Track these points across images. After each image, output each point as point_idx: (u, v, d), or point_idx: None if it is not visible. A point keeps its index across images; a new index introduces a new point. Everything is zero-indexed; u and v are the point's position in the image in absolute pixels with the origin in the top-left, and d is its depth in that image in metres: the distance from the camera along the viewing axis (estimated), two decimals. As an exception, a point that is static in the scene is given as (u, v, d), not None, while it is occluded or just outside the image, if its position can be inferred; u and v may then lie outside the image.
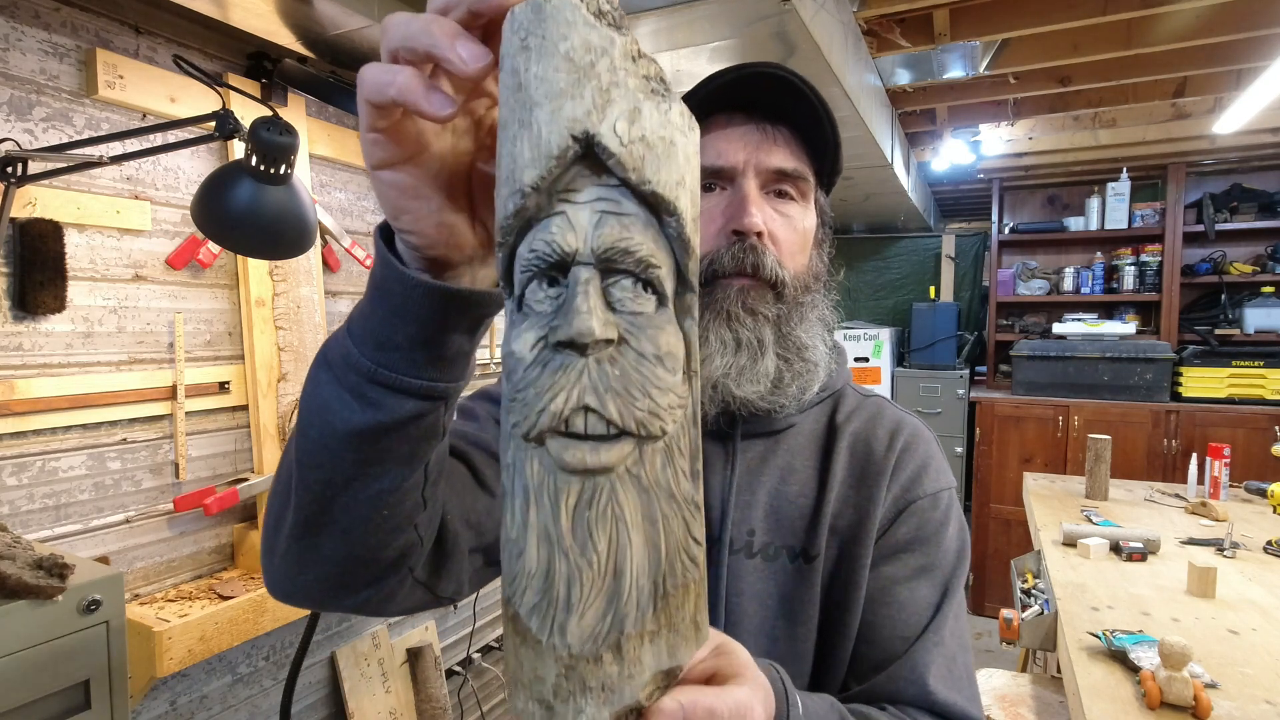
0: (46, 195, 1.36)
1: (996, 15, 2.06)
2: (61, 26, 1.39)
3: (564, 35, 0.31)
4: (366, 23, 1.41)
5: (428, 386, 0.43)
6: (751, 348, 0.63)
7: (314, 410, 0.45)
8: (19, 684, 1.00)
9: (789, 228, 0.66)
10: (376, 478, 0.45)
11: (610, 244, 0.32)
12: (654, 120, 0.32)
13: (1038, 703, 1.69)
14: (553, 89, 0.31)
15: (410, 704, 2.19)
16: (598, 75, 0.31)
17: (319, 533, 0.48)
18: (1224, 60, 2.39)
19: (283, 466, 0.50)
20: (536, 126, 0.31)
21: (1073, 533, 1.97)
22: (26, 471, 1.37)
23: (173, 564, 1.63)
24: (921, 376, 3.96)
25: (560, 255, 0.32)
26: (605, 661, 0.32)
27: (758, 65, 0.63)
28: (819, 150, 0.68)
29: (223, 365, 1.70)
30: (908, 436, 0.71)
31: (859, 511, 0.67)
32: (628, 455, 0.33)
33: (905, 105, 2.90)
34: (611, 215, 0.32)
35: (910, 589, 0.65)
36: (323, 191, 1.97)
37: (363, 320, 0.43)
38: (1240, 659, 1.32)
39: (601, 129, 0.31)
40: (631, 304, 0.33)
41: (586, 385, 0.32)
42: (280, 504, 0.49)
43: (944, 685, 0.61)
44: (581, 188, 0.32)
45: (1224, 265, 3.63)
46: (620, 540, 0.33)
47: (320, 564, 0.49)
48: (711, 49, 1.61)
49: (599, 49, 0.31)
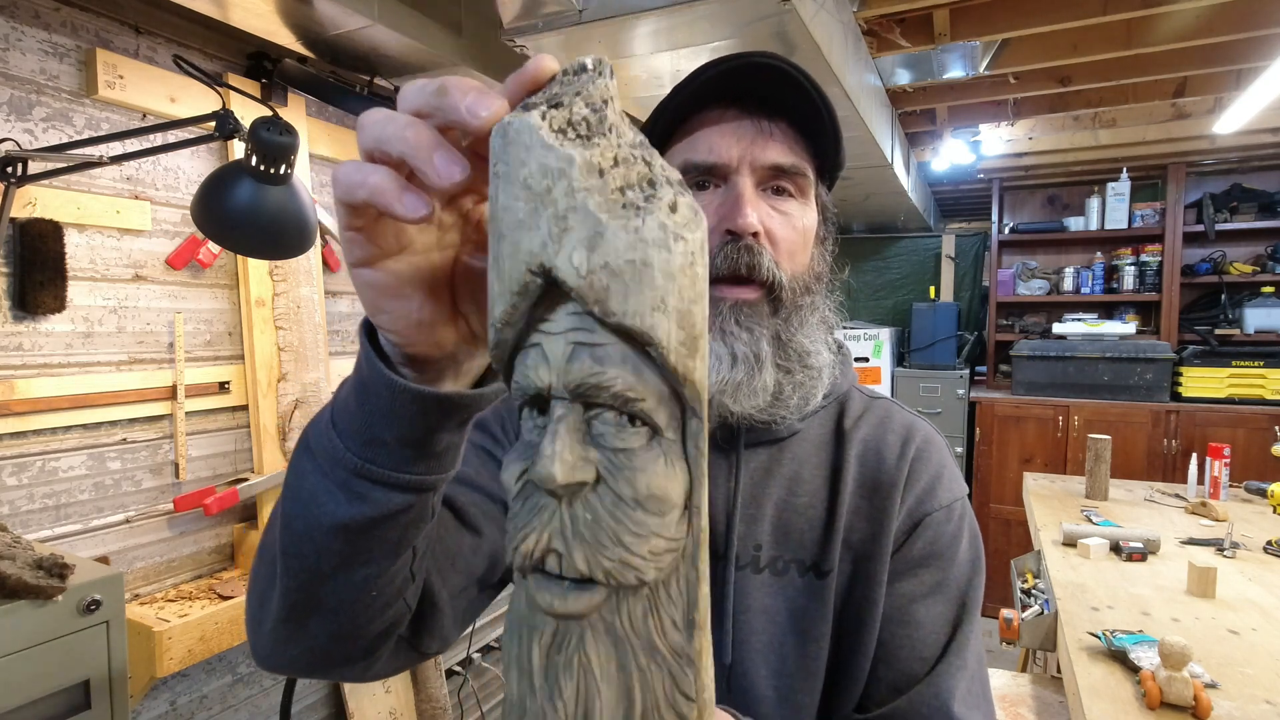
0: (46, 195, 1.36)
1: (996, 15, 2.06)
2: (61, 26, 1.39)
3: (522, 161, 0.29)
4: (366, 23, 1.41)
5: (416, 480, 0.42)
6: (748, 362, 0.60)
7: (299, 501, 0.43)
8: (19, 684, 1.00)
9: (787, 226, 0.63)
10: (364, 564, 0.44)
11: (581, 379, 0.30)
12: (620, 242, 0.28)
13: (1038, 703, 1.68)
14: (513, 220, 0.30)
15: (410, 704, 2.19)
16: (554, 201, 0.29)
17: (306, 616, 0.47)
18: (1224, 60, 2.39)
19: (265, 546, 0.49)
20: (502, 260, 0.31)
21: (1073, 533, 1.97)
22: (26, 471, 1.37)
23: (173, 564, 1.63)
24: (921, 376, 3.96)
25: (536, 390, 0.31)
26: None
27: (752, 55, 0.59)
28: (819, 144, 0.64)
29: (223, 365, 1.70)
30: (920, 444, 0.68)
31: (873, 524, 0.64)
32: (599, 604, 0.31)
33: (905, 105, 2.90)
34: (584, 347, 0.30)
35: (927, 607, 0.62)
36: (323, 191, 1.97)
37: (348, 416, 0.42)
38: (1240, 659, 1.32)
39: (558, 261, 0.29)
40: (614, 439, 0.30)
41: (555, 530, 0.31)
42: (265, 584, 0.48)
43: (967, 709, 0.59)
44: (556, 317, 0.31)
45: (1224, 265, 3.62)
46: (589, 690, 0.31)
47: (308, 640, 0.48)
48: (711, 49, 1.61)
49: (556, 171, 0.29)
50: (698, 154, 0.61)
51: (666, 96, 0.62)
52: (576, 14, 1.45)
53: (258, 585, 0.49)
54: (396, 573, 0.47)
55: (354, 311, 2.07)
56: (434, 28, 1.53)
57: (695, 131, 0.62)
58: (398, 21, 1.44)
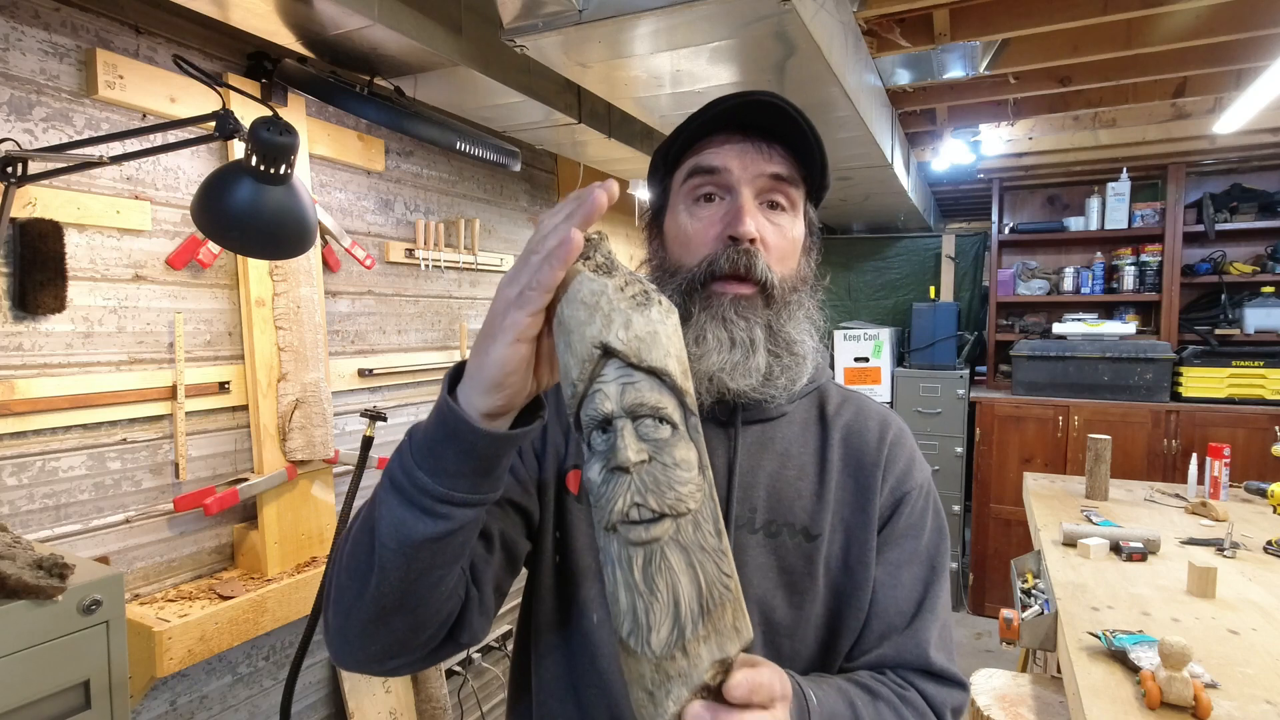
0: (46, 195, 1.36)
1: (996, 15, 2.06)
2: (61, 26, 1.39)
3: (579, 287, 0.52)
4: (366, 23, 1.41)
5: (482, 498, 0.57)
6: (744, 346, 0.71)
7: (391, 526, 0.57)
8: (19, 684, 1.00)
9: (780, 235, 0.74)
10: (440, 567, 0.59)
11: (632, 401, 0.51)
12: (641, 323, 0.52)
13: (1038, 703, 1.69)
14: (577, 321, 0.52)
15: (410, 704, 2.19)
16: (600, 308, 0.52)
17: (392, 614, 0.60)
18: (1224, 60, 2.39)
19: (347, 563, 0.61)
20: (574, 345, 0.52)
21: (1073, 533, 1.97)
22: (26, 471, 1.37)
23: (173, 564, 1.63)
24: (921, 376, 3.95)
25: (605, 415, 0.52)
26: (678, 659, 0.49)
27: (755, 93, 0.70)
28: (809, 168, 0.75)
29: (223, 365, 1.70)
30: (895, 432, 0.81)
31: (859, 498, 0.77)
32: (669, 528, 0.50)
33: (905, 105, 2.90)
34: (629, 384, 0.51)
35: (909, 570, 0.76)
36: (323, 191, 1.97)
37: (433, 457, 0.56)
38: (1240, 659, 1.32)
39: (609, 339, 0.51)
40: (654, 434, 0.51)
41: (634, 491, 0.51)
42: (351, 595, 0.60)
43: (938, 652, 0.74)
44: (609, 372, 0.52)
45: (1224, 265, 3.62)
46: (673, 582, 0.50)
47: (390, 635, 0.62)
48: (711, 49, 1.61)
49: (599, 292, 0.52)
50: (705, 160, 0.73)
51: (682, 124, 0.74)
52: (576, 14, 1.45)
53: (343, 597, 0.61)
54: (458, 570, 0.62)
55: (354, 311, 2.07)
56: (434, 28, 1.53)
57: (705, 151, 0.74)
58: (398, 21, 1.44)
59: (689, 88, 1.87)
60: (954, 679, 0.74)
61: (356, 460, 1.67)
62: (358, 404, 2.08)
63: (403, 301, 2.24)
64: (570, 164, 2.95)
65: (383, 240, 2.15)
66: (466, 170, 2.47)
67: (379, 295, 2.16)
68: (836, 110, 2.11)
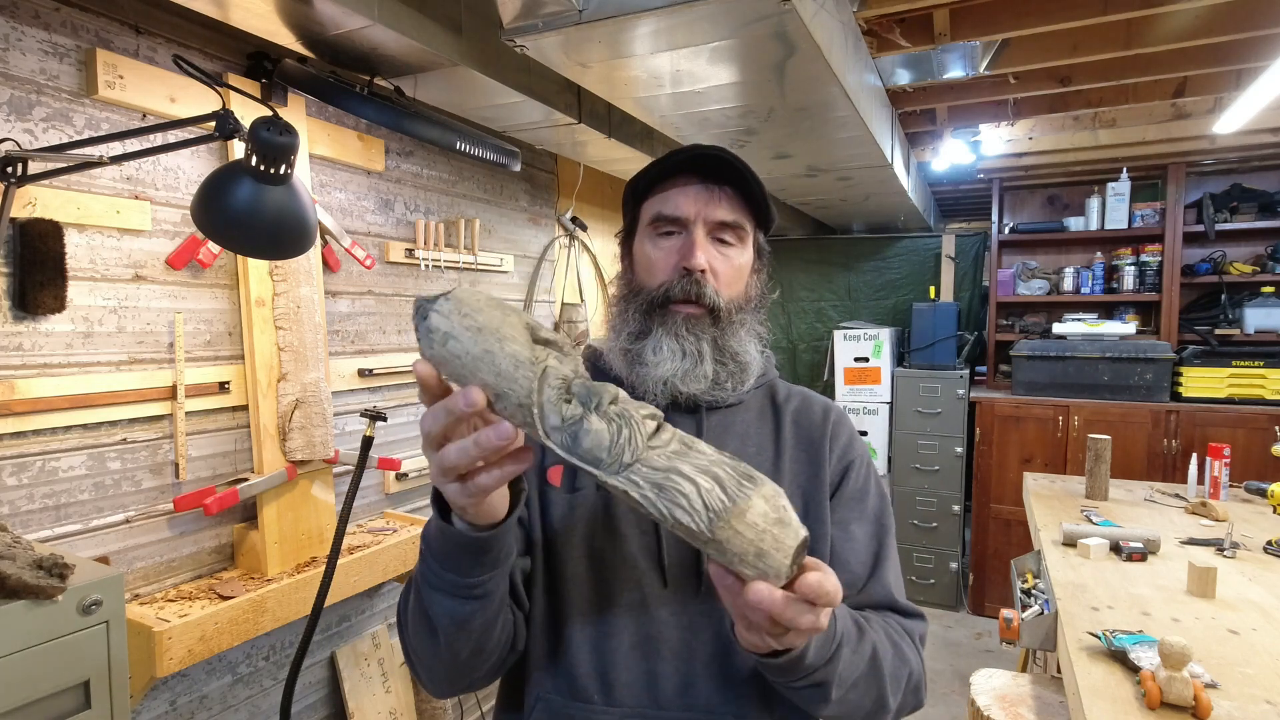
0: (46, 195, 1.36)
1: (996, 15, 2.06)
2: (61, 26, 1.39)
3: (456, 332, 0.58)
4: (366, 23, 1.41)
5: (501, 570, 0.70)
6: (693, 356, 0.85)
7: (443, 612, 0.70)
8: (19, 684, 1.00)
9: (727, 264, 0.87)
10: (491, 617, 0.72)
11: (571, 371, 0.60)
12: (517, 322, 0.60)
13: (1038, 703, 1.69)
14: (484, 344, 0.58)
15: (410, 704, 2.19)
16: (488, 326, 0.57)
17: (467, 662, 0.75)
18: (1224, 60, 2.39)
19: (416, 641, 0.75)
20: (498, 361, 0.57)
21: (1073, 533, 1.97)
22: (26, 471, 1.37)
23: (173, 564, 1.63)
24: (921, 376, 3.95)
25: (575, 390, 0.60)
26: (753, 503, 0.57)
27: (705, 148, 0.85)
28: (753, 204, 0.89)
29: (223, 365, 1.70)
30: (836, 414, 0.95)
31: (811, 468, 0.89)
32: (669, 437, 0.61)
33: (905, 105, 2.90)
34: (561, 360, 0.60)
35: (861, 527, 0.88)
36: (323, 191, 1.97)
37: (451, 560, 0.67)
38: (1240, 659, 1.32)
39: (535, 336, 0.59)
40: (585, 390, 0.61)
41: (624, 421, 0.59)
42: (429, 657, 0.75)
43: (898, 591, 0.87)
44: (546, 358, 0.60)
45: (1224, 265, 3.62)
46: (700, 466, 0.58)
47: (469, 675, 0.77)
48: (711, 49, 1.61)
49: (471, 328, 0.57)
50: (666, 208, 0.87)
51: (646, 167, 0.89)
52: (576, 14, 1.45)
53: (423, 661, 0.77)
54: (505, 610, 0.76)
55: (354, 311, 2.08)
56: (434, 28, 1.53)
57: (664, 191, 0.88)
58: (398, 21, 1.44)
59: (689, 88, 1.87)
60: (917, 613, 0.88)
61: (356, 460, 1.67)
62: (358, 404, 2.08)
63: (403, 301, 2.24)
64: (570, 164, 2.95)
65: (383, 240, 2.15)
66: (466, 170, 2.47)
67: (379, 295, 2.16)
68: (836, 110, 2.11)
